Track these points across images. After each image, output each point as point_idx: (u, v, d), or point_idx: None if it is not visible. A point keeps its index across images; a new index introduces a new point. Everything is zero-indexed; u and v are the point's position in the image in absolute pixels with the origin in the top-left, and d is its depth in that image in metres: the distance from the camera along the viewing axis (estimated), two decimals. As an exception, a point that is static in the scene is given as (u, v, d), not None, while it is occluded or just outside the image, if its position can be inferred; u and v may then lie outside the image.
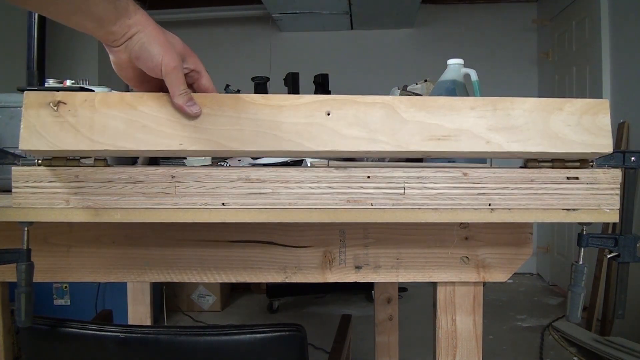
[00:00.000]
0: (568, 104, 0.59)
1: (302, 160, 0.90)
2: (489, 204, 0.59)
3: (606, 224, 2.37)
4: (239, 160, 0.91)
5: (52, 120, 0.57)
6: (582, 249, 0.64)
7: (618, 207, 0.60)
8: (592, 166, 0.61)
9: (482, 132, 0.58)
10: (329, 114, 0.58)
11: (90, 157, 0.60)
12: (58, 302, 2.55)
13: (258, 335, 0.72)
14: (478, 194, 0.59)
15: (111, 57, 0.59)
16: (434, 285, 0.71)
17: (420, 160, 0.87)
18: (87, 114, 0.57)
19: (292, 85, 3.18)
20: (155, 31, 0.56)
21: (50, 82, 0.92)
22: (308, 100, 0.59)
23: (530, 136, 0.58)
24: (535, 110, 0.59)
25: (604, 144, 0.58)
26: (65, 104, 0.57)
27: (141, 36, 0.56)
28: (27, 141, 0.56)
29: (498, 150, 0.58)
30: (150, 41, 0.56)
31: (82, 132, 0.57)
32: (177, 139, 0.57)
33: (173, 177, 0.59)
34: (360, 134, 0.58)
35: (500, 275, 0.70)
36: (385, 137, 0.58)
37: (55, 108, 0.56)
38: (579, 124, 0.58)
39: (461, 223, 0.69)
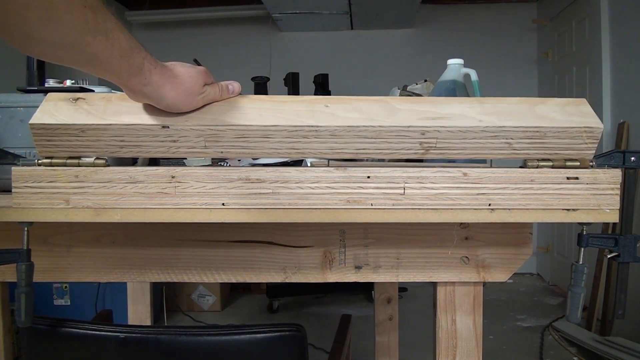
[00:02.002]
0: (549, 101, 0.63)
1: (302, 160, 0.90)
2: (489, 204, 0.59)
3: (606, 224, 2.37)
4: (239, 160, 0.91)
5: (68, 107, 0.60)
6: (582, 249, 0.64)
7: (618, 207, 0.60)
8: (592, 166, 0.61)
9: (474, 115, 0.61)
10: (327, 107, 0.62)
11: (90, 157, 0.60)
12: (58, 302, 2.55)
13: (258, 335, 0.72)
14: (478, 194, 0.59)
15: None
16: (434, 285, 0.71)
17: (420, 160, 0.87)
18: (102, 104, 0.61)
19: (292, 85, 3.18)
20: (170, 91, 0.57)
21: (51, 82, 0.91)
22: (308, 99, 0.62)
23: (521, 118, 0.61)
24: (520, 103, 0.63)
25: (593, 122, 0.61)
26: (84, 99, 0.61)
27: (153, 95, 0.57)
28: (38, 119, 0.59)
29: (491, 125, 0.60)
30: (165, 102, 0.58)
31: (94, 114, 0.60)
32: (183, 117, 0.60)
33: (173, 177, 0.59)
34: (357, 116, 0.61)
35: (500, 275, 0.70)
36: (381, 118, 0.61)
37: (74, 102, 0.61)
38: (563, 111, 0.62)
39: (461, 223, 0.69)
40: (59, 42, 0.46)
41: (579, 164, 0.60)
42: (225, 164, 0.91)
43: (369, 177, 0.59)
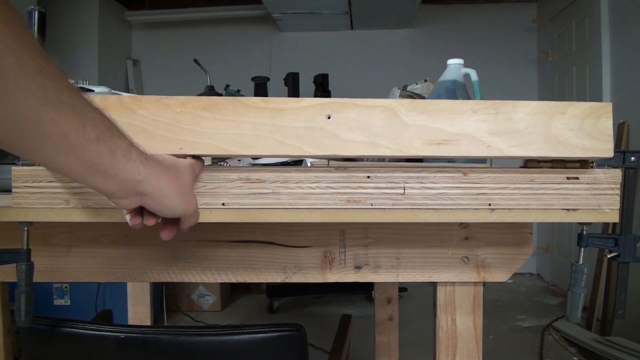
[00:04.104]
0: (570, 108, 0.58)
1: (302, 160, 0.90)
2: (489, 204, 0.59)
3: (606, 224, 2.37)
4: (239, 160, 0.91)
5: None
6: (582, 249, 0.64)
7: (618, 207, 0.60)
8: (592, 166, 0.61)
9: (483, 137, 0.58)
10: (329, 118, 0.58)
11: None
12: (58, 302, 2.55)
13: (258, 335, 0.72)
14: (478, 194, 0.59)
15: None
16: (434, 285, 0.71)
17: (420, 160, 0.87)
18: None
19: (292, 85, 3.18)
20: (170, 185, 0.49)
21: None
22: (308, 104, 0.58)
23: (532, 140, 0.58)
24: (537, 113, 0.58)
25: (605, 148, 0.58)
26: None
27: (153, 192, 0.48)
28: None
29: (499, 154, 0.58)
30: (167, 199, 0.50)
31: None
32: (177, 143, 0.57)
33: (173, 177, 0.58)
34: (360, 138, 0.58)
35: (500, 275, 0.70)
36: (385, 141, 0.58)
37: None
38: (580, 127, 0.58)
39: (461, 223, 0.69)
40: (13, 116, 0.36)
41: (579, 164, 0.60)
42: (225, 164, 0.90)
43: (369, 177, 0.59)
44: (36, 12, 0.91)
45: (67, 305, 2.55)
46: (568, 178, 0.59)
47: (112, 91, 0.86)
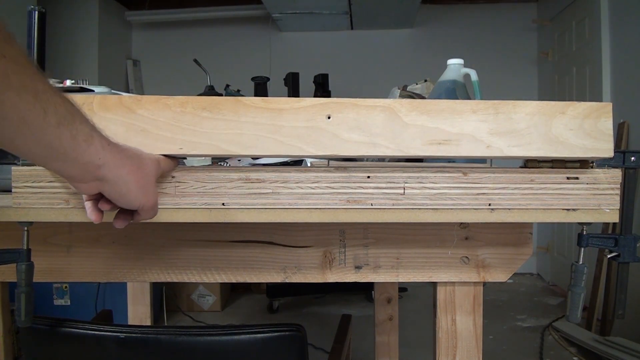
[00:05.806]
0: (571, 108, 0.58)
1: (302, 160, 0.90)
2: (489, 204, 0.59)
3: (606, 224, 2.37)
4: (239, 160, 0.91)
5: None
6: (582, 249, 0.64)
7: (618, 207, 0.60)
8: (592, 166, 0.61)
9: (483, 137, 0.58)
10: (329, 118, 0.58)
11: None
12: (58, 302, 2.55)
13: (258, 335, 0.72)
14: (478, 194, 0.59)
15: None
16: (434, 285, 0.71)
17: (420, 160, 0.87)
18: None
19: (292, 85, 3.18)
20: (130, 174, 0.50)
21: (50, 82, 0.91)
22: (308, 104, 0.58)
23: (532, 140, 0.58)
24: (537, 113, 0.58)
25: (605, 148, 0.58)
26: None
27: (112, 179, 0.48)
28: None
29: (498, 154, 0.58)
30: (126, 188, 0.50)
31: None
32: (177, 143, 0.57)
33: (173, 177, 0.59)
34: (360, 138, 0.58)
35: (500, 275, 0.70)
36: (385, 141, 0.58)
37: None
38: (580, 127, 0.58)
39: (461, 223, 0.69)
40: None
41: (579, 164, 0.60)
42: (225, 164, 0.90)
43: (369, 177, 0.59)
44: (36, 12, 0.91)
45: (67, 305, 2.55)
46: (568, 178, 0.59)
47: (112, 91, 0.86)
